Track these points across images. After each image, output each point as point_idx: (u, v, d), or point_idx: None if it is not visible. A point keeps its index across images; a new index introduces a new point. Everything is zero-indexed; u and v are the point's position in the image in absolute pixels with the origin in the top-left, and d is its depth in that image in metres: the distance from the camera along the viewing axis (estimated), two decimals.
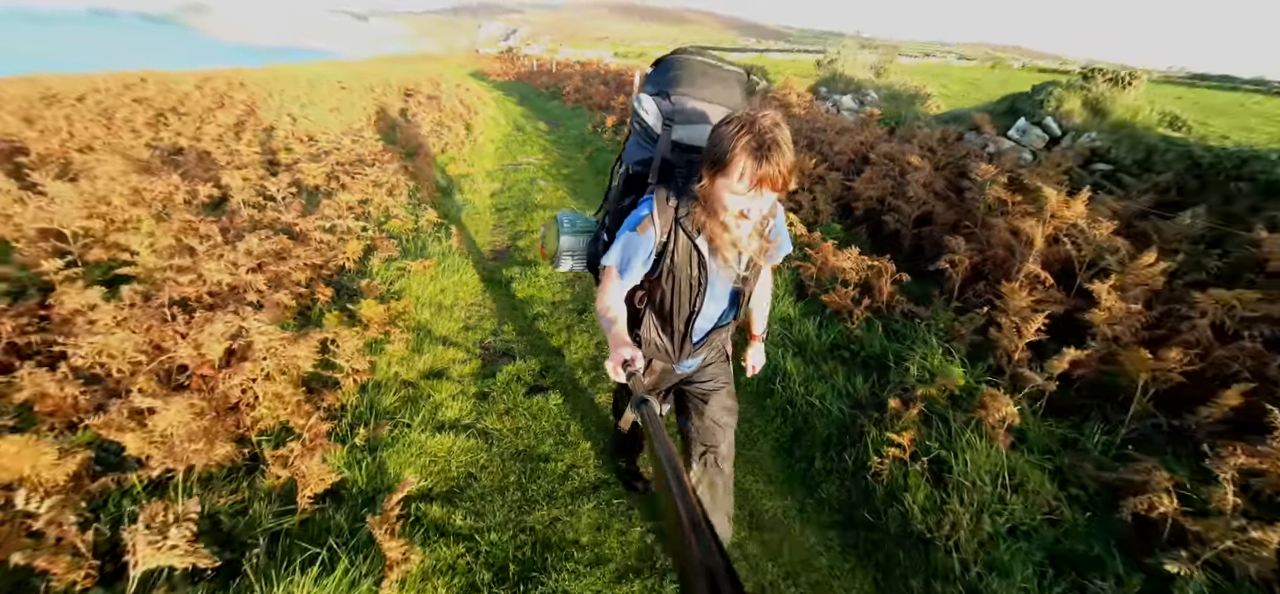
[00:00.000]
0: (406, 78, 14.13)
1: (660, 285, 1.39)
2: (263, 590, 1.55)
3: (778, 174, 1.12)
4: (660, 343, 1.50)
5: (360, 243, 3.74)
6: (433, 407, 2.57)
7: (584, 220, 1.69)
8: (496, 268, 4.22)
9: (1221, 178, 3.57)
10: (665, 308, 1.42)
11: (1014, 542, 1.95)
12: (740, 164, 1.12)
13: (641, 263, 1.34)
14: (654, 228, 1.30)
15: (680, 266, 1.34)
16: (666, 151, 1.39)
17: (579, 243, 1.65)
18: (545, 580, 1.83)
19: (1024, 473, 2.18)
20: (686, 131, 1.38)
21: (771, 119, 1.13)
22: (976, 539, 1.95)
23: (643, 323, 1.49)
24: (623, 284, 1.36)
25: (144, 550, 1.44)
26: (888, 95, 6.67)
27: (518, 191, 6.37)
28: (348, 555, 1.70)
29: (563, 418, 2.62)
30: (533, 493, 2.20)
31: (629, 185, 1.51)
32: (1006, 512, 2.04)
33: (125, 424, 1.90)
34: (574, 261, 1.66)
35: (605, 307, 1.33)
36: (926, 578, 1.89)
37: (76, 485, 1.77)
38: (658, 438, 0.86)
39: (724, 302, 1.47)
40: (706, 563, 0.58)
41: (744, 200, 1.17)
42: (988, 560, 1.89)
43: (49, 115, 7.68)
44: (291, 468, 1.90)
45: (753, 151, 1.10)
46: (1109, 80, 4.59)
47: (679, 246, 1.32)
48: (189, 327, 2.37)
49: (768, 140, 1.10)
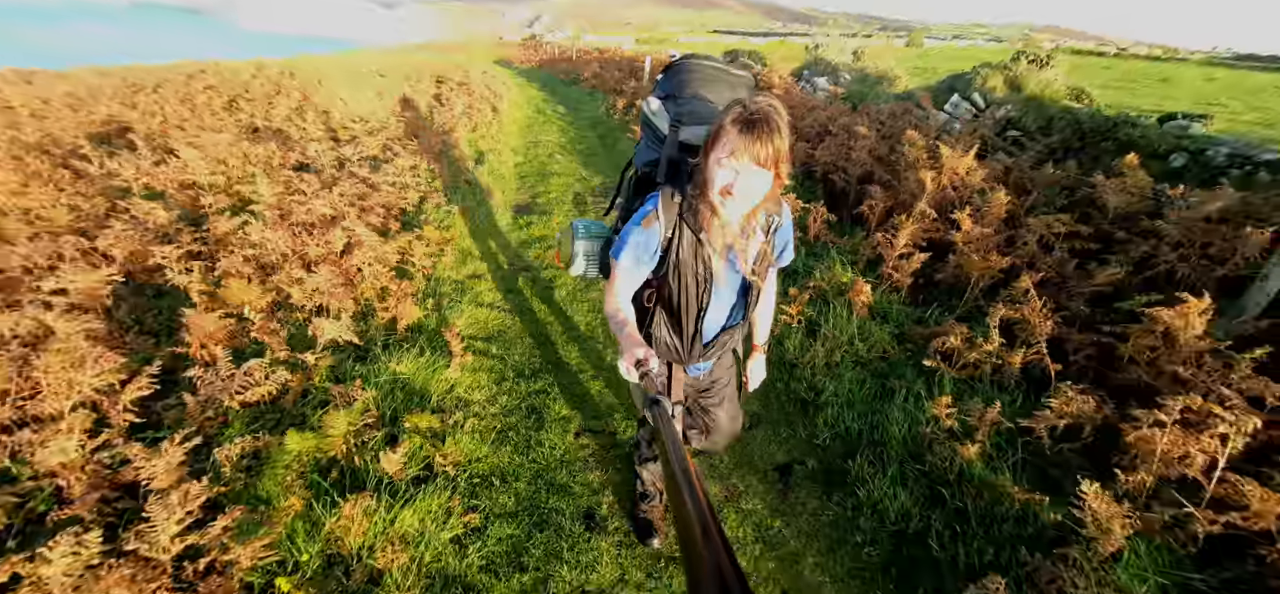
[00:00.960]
0: (437, 66, 15.43)
1: (667, 282, 1.42)
2: (386, 361, 2.74)
3: (762, 149, 1.13)
4: (670, 342, 1.53)
5: (417, 193, 4.94)
6: (475, 294, 3.75)
7: (598, 226, 1.73)
8: (518, 216, 5.39)
9: (1097, 139, 4.49)
10: (674, 305, 1.45)
11: (851, 366, 3.02)
12: (726, 135, 1.15)
13: (647, 258, 1.37)
14: (659, 223, 1.34)
15: (685, 262, 1.37)
16: (673, 152, 1.42)
17: (593, 247, 1.68)
18: (548, 376, 2.98)
19: (873, 332, 3.24)
20: (693, 132, 1.41)
21: (767, 101, 1.16)
22: (826, 363, 3.04)
23: (653, 321, 1.52)
24: (630, 281, 1.40)
25: (325, 326, 2.63)
26: (859, 77, 7.61)
27: (537, 163, 7.54)
28: (430, 351, 2.89)
29: (565, 304, 3.77)
30: (542, 339, 3.36)
31: (638, 187, 1.56)
32: (853, 351, 3.11)
33: (292, 282, 3.11)
34: (588, 266, 1.70)
35: (614, 308, 1.37)
36: (788, 382, 2.98)
37: (271, 312, 2.99)
38: (670, 438, 0.88)
39: (732, 300, 1.50)
40: (716, 565, 0.58)
41: (727, 175, 1.19)
42: (830, 373, 2.98)
43: (142, 101, 9.14)
44: (392, 310, 3.10)
45: (740, 123, 1.13)
46: (1031, 62, 5.48)
47: (684, 242, 1.35)
48: (314, 235, 3.59)
49: (756, 115, 1.13)
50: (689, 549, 0.65)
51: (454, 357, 2.84)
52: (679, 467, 0.76)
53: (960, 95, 5.47)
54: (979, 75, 5.57)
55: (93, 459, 1.90)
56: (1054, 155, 4.64)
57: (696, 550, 0.62)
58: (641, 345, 1.20)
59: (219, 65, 14.93)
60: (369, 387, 2.51)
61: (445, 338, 2.91)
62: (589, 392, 2.93)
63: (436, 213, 4.80)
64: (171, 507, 1.59)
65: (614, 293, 1.38)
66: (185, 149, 5.25)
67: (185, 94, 10.01)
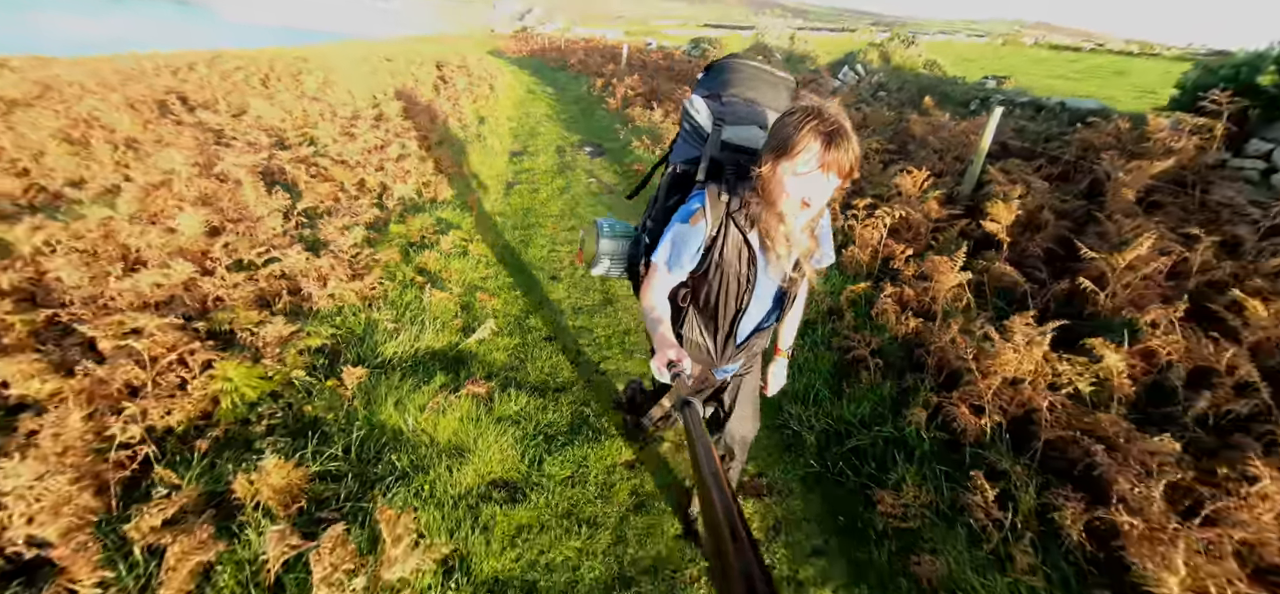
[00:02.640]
0: (436, 53, 17.19)
1: (707, 281, 1.41)
2: (432, 211, 4.56)
3: (846, 159, 1.14)
4: (703, 342, 1.53)
5: (438, 136, 6.75)
6: (483, 193, 5.57)
7: (623, 226, 1.71)
8: (512, 158, 7.21)
9: (935, 92, 6.37)
10: (711, 305, 1.45)
11: None
12: (807, 146, 1.13)
13: (690, 257, 1.36)
14: (706, 221, 1.33)
15: (728, 262, 1.36)
16: (716, 150, 1.41)
17: (618, 247, 1.67)
18: (529, 229, 4.81)
19: None
20: (736, 132, 1.41)
21: (837, 108, 1.17)
22: None
23: (685, 321, 1.51)
24: (670, 279, 1.38)
25: (396, 189, 4.45)
26: (787, 56, 9.47)
27: (528, 126, 9.37)
28: (458, 209, 4.72)
29: (540, 202, 5.59)
30: (525, 210, 5.18)
31: (675, 184, 1.53)
32: None
33: (364, 174, 4.90)
34: (613, 267, 1.69)
35: (650, 304, 1.35)
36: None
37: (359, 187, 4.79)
38: (700, 441, 0.88)
39: (768, 302, 1.50)
40: (745, 569, 0.59)
41: (806, 186, 1.18)
42: None
43: (192, 77, 10.86)
44: (433, 192, 4.92)
45: (822, 135, 1.13)
46: (901, 42, 7.31)
47: (728, 241, 1.34)
48: (374, 153, 5.39)
49: (836, 126, 1.13)
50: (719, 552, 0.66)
51: (471, 211, 4.66)
52: (708, 470, 0.77)
53: (849, 67, 7.31)
54: (862, 52, 7.43)
55: (292, 227, 3.71)
56: (902, 105, 6.51)
57: (726, 553, 0.63)
58: (675, 347, 1.20)
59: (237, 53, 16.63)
60: (428, 216, 4.34)
61: (474, 190, 4.72)
62: (553, 236, 4.76)
63: (455, 148, 6.61)
64: (354, 229, 3.41)
65: (651, 289, 1.37)
66: (256, 103, 7.04)
67: (224, 72, 11.73)
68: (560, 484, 2.28)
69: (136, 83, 9.91)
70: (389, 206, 4.41)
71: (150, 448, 1.99)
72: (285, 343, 2.60)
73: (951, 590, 1.89)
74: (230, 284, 2.93)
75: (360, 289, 3.19)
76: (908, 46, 7.20)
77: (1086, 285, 2.94)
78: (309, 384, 2.47)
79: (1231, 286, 2.73)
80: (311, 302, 3.00)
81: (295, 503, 1.89)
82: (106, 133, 5.73)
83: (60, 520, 1.68)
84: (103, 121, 6.15)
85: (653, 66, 12.69)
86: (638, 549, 2.06)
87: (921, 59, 7.11)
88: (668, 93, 9.52)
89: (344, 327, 2.91)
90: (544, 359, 3.10)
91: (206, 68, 12.88)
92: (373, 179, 4.85)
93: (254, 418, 2.27)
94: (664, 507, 2.23)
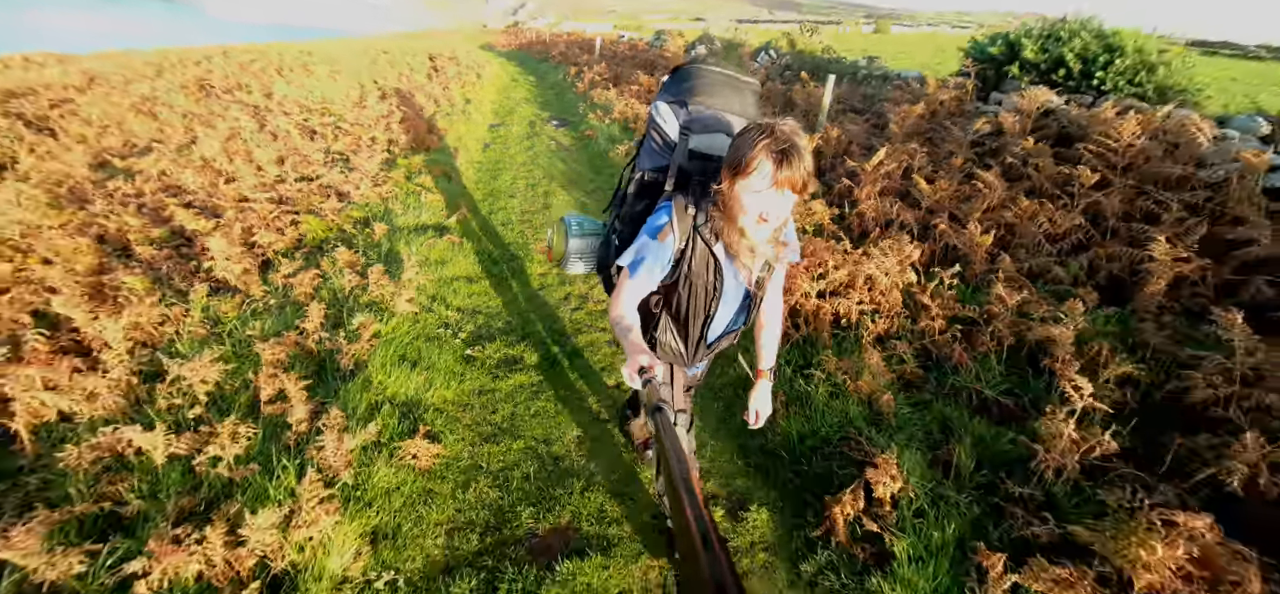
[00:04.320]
0: (430, 48, 18.93)
1: (677, 291, 1.47)
2: (439, 151, 6.32)
3: (797, 176, 1.21)
4: (674, 346, 1.60)
5: (431, 112, 8.51)
6: (465, 149, 7.33)
7: (591, 223, 1.76)
8: (492, 128, 8.97)
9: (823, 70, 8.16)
10: (681, 313, 1.51)
11: None
12: (760, 165, 1.21)
13: (660, 269, 1.41)
14: (673, 235, 1.38)
15: (697, 272, 1.42)
16: (683, 160, 1.46)
17: (587, 245, 1.73)
18: (503, 175, 6.58)
19: None
20: (703, 140, 1.46)
21: (791, 126, 1.23)
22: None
23: (658, 325, 1.57)
24: (639, 290, 1.43)
25: (401, 139, 6.22)
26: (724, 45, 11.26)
27: (507, 106, 11.13)
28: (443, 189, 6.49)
29: (509, 155, 7.35)
30: (501, 160, 6.94)
31: (643, 191, 1.59)
32: None
33: (375, 132, 6.66)
34: (583, 264, 1.75)
35: (620, 314, 1.39)
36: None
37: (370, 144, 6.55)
38: (671, 447, 0.91)
39: (736, 304, 1.55)
40: (715, 576, 0.59)
41: (763, 202, 1.25)
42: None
43: (213, 67, 12.57)
44: (427, 144, 6.68)
45: (773, 154, 1.20)
46: (805, 31, 9.04)
47: (696, 254, 1.39)
48: (379, 120, 7.15)
49: (787, 144, 1.20)
50: (689, 557, 0.67)
51: (455, 157, 6.43)
52: (680, 476, 0.78)
53: (765, 52, 9.03)
54: (775, 40, 9.17)
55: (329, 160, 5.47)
56: (795, 80, 8.27)
57: (696, 559, 0.63)
58: (646, 353, 1.26)
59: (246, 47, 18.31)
60: (422, 159, 6.11)
61: (456, 148, 6.49)
62: (515, 174, 6.51)
63: (445, 122, 8.38)
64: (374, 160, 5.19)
65: (621, 300, 1.41)
66: (279, 85, 8.80)
67: (241, 63, 13.45)
68: (503, 275, 4.07)
69: (167, 73, 11.65)
70: (395, 153, 6.17)
71: (273, 253, 3.78)
72: (338, 212, 4.37)
73: None
74: (296, 188, 4.69)
75: (380, 193, 4.95)
76: (811, 35, 8.91)
77: (849, 181, 4.71)
78: (352, 234, 4.23)
79: (919, 178, 4.50)
80: (348, 197, 4.76)
81: (353, 268, 3.66)
82: (168, 108, 7.47)
83: (242, 266, 3.44)
84: (162, 100, 7.92)
85: (621, 56, 14.45)
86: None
87: (820, 45, 8.83)
88: (627, 77, 11.28)
89: (371, 209, 4.68)
90: (499, 230, 4.90)
91: (222, 59, 14.60)
92: (382, 137, 6.60)
93: (326, 245, 4.04)
94: None
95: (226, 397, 2.46)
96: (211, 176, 4.76)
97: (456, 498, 2.29)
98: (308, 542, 1.83)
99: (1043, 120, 4.73)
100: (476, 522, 2.19)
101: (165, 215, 3.89)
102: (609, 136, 7.95)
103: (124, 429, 1.98)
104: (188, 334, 2.84)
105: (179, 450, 2.05)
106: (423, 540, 2.09)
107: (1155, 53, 4.78)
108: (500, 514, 2.23)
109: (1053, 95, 4.69)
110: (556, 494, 2.32)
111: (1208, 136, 3.63)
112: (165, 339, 2.82)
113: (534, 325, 3.57)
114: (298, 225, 4.12)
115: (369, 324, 2.99)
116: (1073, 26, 5.20)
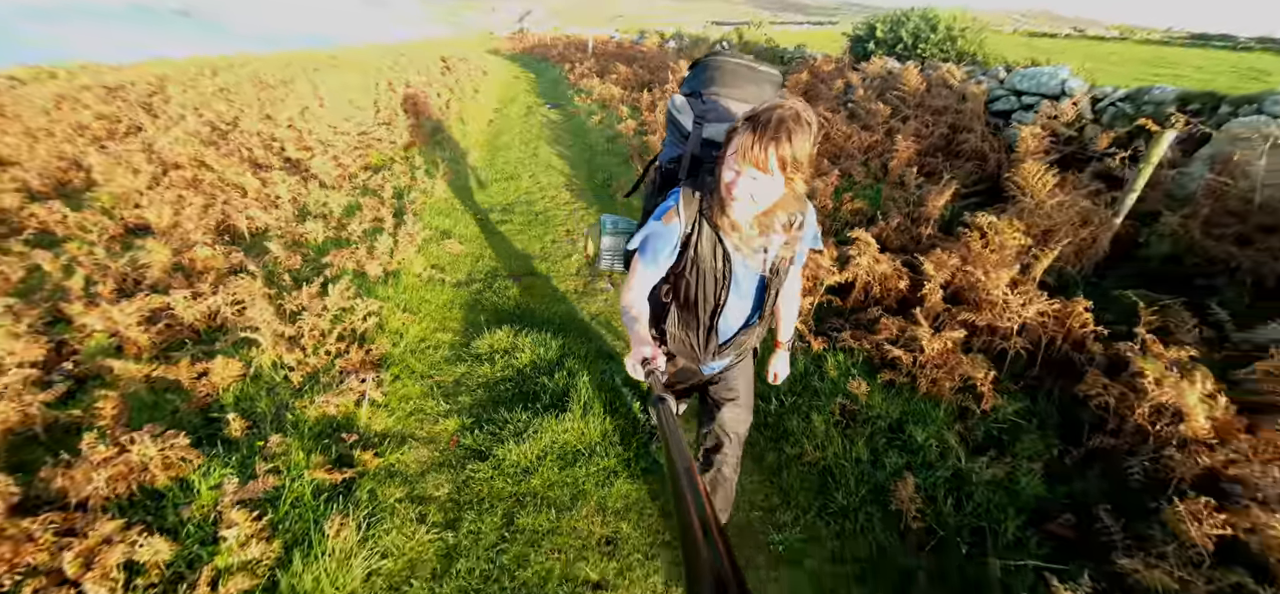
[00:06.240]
0: (442, 52, 21.21)
1: (685, 277, 1.47)
2: (451, 129, 8.43)
3: (765, 155, 1.18)
4: (685, 339, 1.59)
5: (447, 97, 10.64)
6: (475, 124, 9.42)
7: (626, 222, 1.79)
8: (495, 111, 11.08)
9: (769, 59, 10.20)
10: (691, 301, 1.51)
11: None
12: (737, 143, 1.22)
13: (666, 254, 1.43)
14: (679, 219, 1.38)
15: (704, 257, 1.41)
16: (696, 148, 1.48)
17: (620, 243, 1.76)
18: (503, 153, 8.67)
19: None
20: (717, 130, 1.47)
21: (790, 107, 1.18)
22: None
23: (668, 318, 1.58)
24: (648, 275, 1.44)
25: (425, 122, 8.33)
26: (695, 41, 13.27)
27: (509, 95, 13.29)
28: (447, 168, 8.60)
29: (519, 130, 9.44)
30: (504, 137, 9.02)
31: (663, 183, 1.61)
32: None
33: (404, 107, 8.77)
34: (614, 261, 1.78)
35: (629, 302, 1.43)
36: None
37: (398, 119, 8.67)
38: (672, 438, 0.91)
39: (750, 299, 1.53)
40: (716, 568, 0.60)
41: (747, 182, 1.24)
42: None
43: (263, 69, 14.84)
44: (442, 117, 8.79)
45: (751, 126, 1.19)
46: (753, 27, 11.00)
47: (703, 238, 1.40)
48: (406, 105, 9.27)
49: (770, 119, 1.16)
50: (690, 548, 0.67)
51: (471, 124, 8.53)
52: (681, 466, 0.80)
53: (720, 45, 11.03)
54: (726, 35, 11.19)
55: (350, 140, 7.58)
56: None
57: (698, 550, 0.64)
58: (649, 344, 1.27)
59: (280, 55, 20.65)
60: (448, 127, 8.21)
61: (467, 122, 8.58)
62: (511, 140, 8.57)
63: (457, 103, 10.50)
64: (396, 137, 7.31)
65: (630, 287, 1.43)
66: (330, 78, 10.98)
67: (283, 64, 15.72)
68: (502, 180, 6.14)
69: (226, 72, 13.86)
70: (422, 122, 8.28)
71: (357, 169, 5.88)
72: (392, 146, 6.47)
73: None
74: (358, 137, 6.79)
75: (415, 145, 7.05)
76: (757, 29, 10.88)
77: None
78: (403, 158, 6.30)
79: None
80: (394, 143, 6.85)
81: (406, 175, 5.73)
82: (240, 96, 9.63)
83: (337, 171, 5.53)
84: (233, 90, 10.12)
85: (609, 53, 16.57)
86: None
87: (764, 37, 10.80)
88: (610, 69, 13.39)
89: (411, 151, 6.75)
90: (504, 175, 6.98)
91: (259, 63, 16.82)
92: (404, 118, 8.71)
93: (386, 166, 6.11)
94: None
95: (349, 216, 4.56)
96: (295, 133, 6.88)
97: (470, 262, 4.36)
98: (402, 260, 3.88)
99: (883, 80, 6.71)
100: (481, 270, 4.24)
101: (278, 149, 6.00)
102: (588, 112, 10.03)
103: (300, 226, 4.05)
104: (314, 194, 4.93)
105: (330, 235, 4.12)
106: (455, 273, 4.16)
107: (960, 30, 6.75)
108: (493, 271, 4.28)
109: (892, 62, 6.67)
110: (531, 260, 4.38)
111: (957, 80, 5.60)
112: (301, 199, 4.91)
113: (523, 204, 5.65)
114: (365, 155, 6.22)
115: (420, 197, 5.07)
116: (910, 13, 7.19)
